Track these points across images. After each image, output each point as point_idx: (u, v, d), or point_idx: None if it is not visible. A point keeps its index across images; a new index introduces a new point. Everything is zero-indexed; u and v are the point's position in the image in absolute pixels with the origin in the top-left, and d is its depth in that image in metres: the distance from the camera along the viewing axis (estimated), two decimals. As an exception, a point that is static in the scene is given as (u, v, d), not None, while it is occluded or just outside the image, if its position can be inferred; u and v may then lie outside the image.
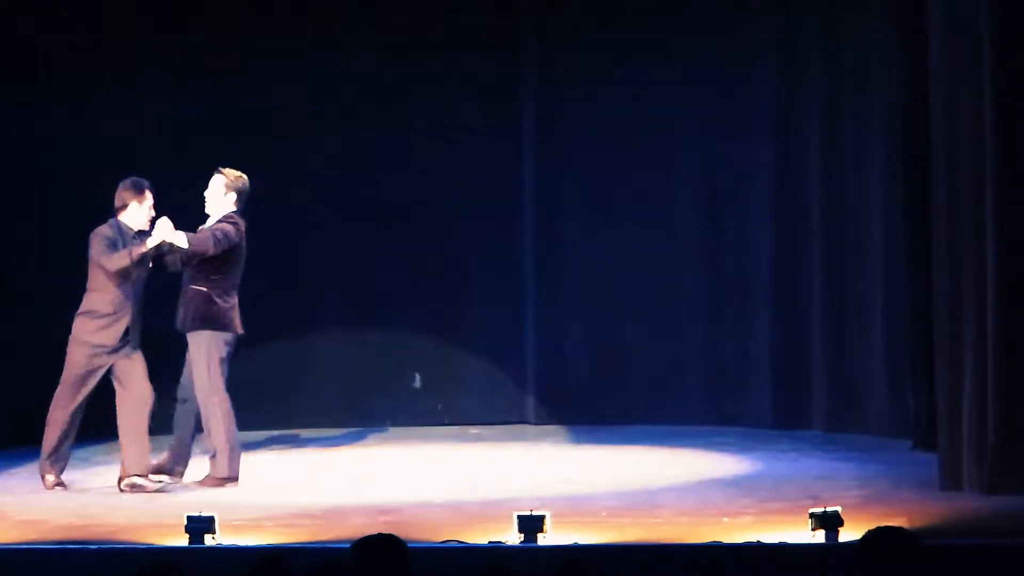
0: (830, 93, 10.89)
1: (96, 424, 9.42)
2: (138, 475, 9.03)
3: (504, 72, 11.78)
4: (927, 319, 9.26)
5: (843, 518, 7.21)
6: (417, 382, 11.83)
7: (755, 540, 7.20)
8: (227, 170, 9.30)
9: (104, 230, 9.11)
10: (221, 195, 9.24)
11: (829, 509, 7.25)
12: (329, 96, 11.65)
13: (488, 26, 11.75)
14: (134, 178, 9.23)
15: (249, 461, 9.49)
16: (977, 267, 8.41)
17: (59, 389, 9.15)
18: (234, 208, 9.25)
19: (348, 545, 5.26)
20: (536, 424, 11.61)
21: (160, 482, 9.12)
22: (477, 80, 11.73)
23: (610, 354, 11.59)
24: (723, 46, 11.32)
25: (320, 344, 11.78)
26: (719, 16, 11.35)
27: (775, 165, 11.16)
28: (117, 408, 9.14)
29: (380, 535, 5.28)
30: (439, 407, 11.81)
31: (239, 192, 9.24)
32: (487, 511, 8.12)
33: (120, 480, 9.08)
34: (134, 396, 9.08)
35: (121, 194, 9.17)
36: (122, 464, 9.13)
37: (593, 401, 11.55)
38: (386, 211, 11.73)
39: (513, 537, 7.26)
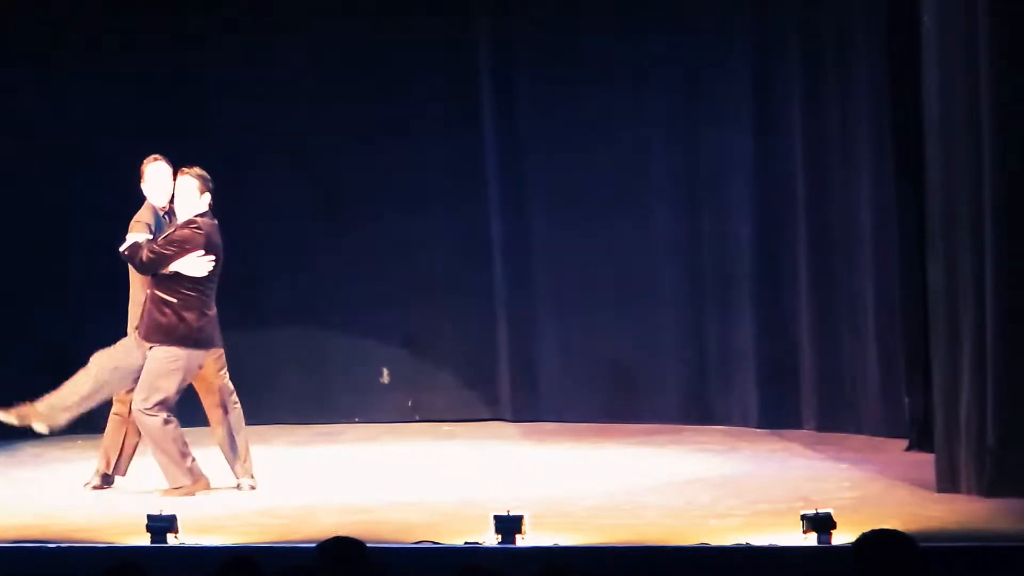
0: (813, 79, 10.59)
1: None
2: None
3: (467, 61, 11.54)
4: (921, 315, 9.14)
5: (836, 520, 7.01)
6: (384, 377, 11.62)
7: (744, 542, 6.99)
8: (195, 169, 8.96)
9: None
10: (196, 197, 8.91)
11: (821, 511, 7.07)
12: (290, 85, 11.46)
13: (450, 9, 11.51)
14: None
15: (215, 458, 9.22)
16: (975, 263, 8.22)
17: None
18: (206, 208, 8.93)
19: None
20: (513, 422, 11.39)
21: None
22: (443, 72, 11.51)
23: (588, 349, 11.37)
24: (699, 31, 11.04)
25: (286, 339, 11.58)
26: (698, 5, 11.08)
27: (756, 155, 10.88)
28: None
29: (340, 537, 5.17)
30: (409, 404, 11.60)
31: (211, 191, 8.94)
32: (462, 511, 8.01)
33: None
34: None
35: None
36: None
37: (572, 398, 11.35)
38: (352, 204, 11.55)
39: (490, 538, 7.10)
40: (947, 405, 8.32)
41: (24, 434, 9.13)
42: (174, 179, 8.91)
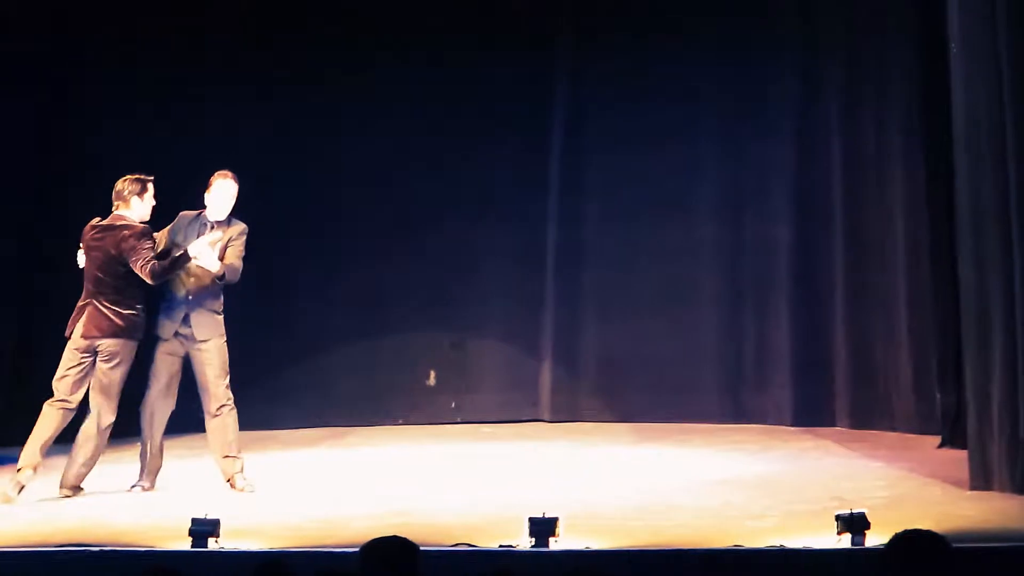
0: (851, 95, 10.79)
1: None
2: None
3: (532, 72, 11.71)
4: (952, 314, 9.10)
5: (870, 520, 6.99)
6: (431, 379, 11.68)
7: (778, 544, 6.98)
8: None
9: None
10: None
11: (856, 511, 7.03)
12: (350, 97, 11.59)
13: (520, 26, 11.66)
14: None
15: (259, 461, 9.28)
16: (1004, 262, 8.22)
17: None
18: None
19: (354, 550, 5.13)
20: (551, 422, 11.43)
21: None
22: (504, 79, 11.69)
23: (628, 352, 11.44)
24: (745, 46, 11.20)
25: (335, 341, 11.63)
26: (742, 17, 11.23)
27: (796, 162, 11.04)
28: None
29: (390, 537, 5.11)
30: (452, 405, 11.67)
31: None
32: (498, 513, 7.98)
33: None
34: None
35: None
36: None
37: (609, 399, 11.40)
38: (404, 210, 11.62)
39: (524, 541, 7.08)
40: (979, 402, 8.30)
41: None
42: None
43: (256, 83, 11.58)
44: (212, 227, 8.97)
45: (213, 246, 8.83)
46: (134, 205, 8.88)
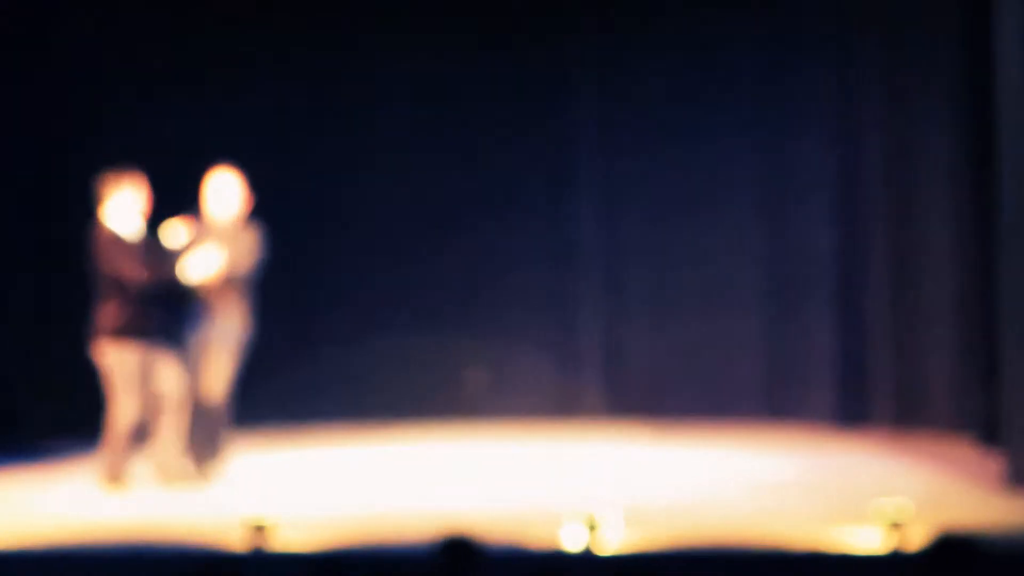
0: (892, 91, 10.76)
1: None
2: None
3: (565, 71, 11.72)
4: (991, 314, 9.14)
5: (909, 522, 7.05)
6: (479, 376, 11.77)
7: (818, 547, 7.05)
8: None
9: None
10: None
11: (894, 512, 7.09)
12: (382, 96, 11.65)
13: (548, 23, 11.67)
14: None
15: (299, 457, 9.37)
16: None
17: None
18: None
19: (408, 549, 5.15)
20: (597, 421, 11.52)
21: None
22: (537, 78, 11.70)
23: (671, 351, 11.51)
24: (783, 46, 11.22)
25: (383, 338, 11.75)
26: (780, 17, 11.24)
27: (838, 165, 11.05)
28: None
29: (457, 537, 5.16)
30: (499, 401, 11.75)
31: None
32: (545, 513, 8.02)
33: None
34: None
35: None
36: None
37: (653, 398, 11.47)
38: (436, 207, 11.72)
39: (572, 542, 7.16)
40: (1017, 402, 8.36)
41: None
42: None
43: (292, 78, 11.62)
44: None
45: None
46: None
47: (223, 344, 9.21)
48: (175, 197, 9.35)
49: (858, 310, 10.97)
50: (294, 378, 11.35)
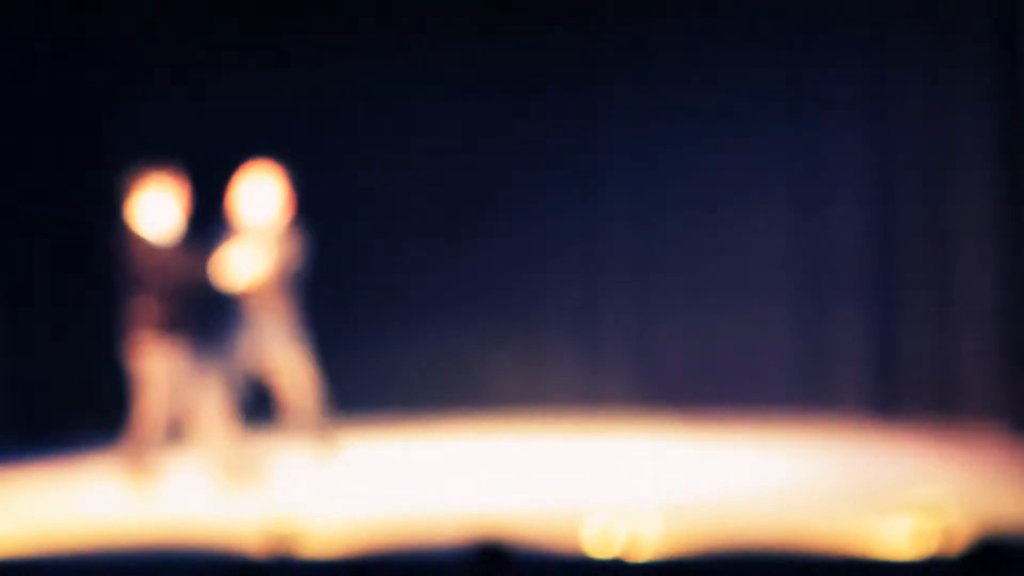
0: (926, 79, 10.70)
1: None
2: None
3: (591, 65, 11.69)
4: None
5: (943, 518, 6.98)
6: (507, 371, 11.77)
7: (851, 550, 7.01)
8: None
9: None
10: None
11: (927, 511, 7.02)
12: (406, 92, 11.64)
13: (578, 20, 11.65)
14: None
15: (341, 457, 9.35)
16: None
17: None
18: None
19: (439, 554, 5.15)
20: (628, 415, 11.51)
21: None
22: (565, 75, 11.67)
23: (703, 345, 11.48)
24: (813, 37, 11.16)
25: (412, 331, 11.74)
26: (808, 8, 11.18)
27: (872, 156, 11.00)
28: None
29: (489, 543, 5.14)
30: (529, 397, 11.75)
31: None
32: (577, 512, 7.95)
33: None
34: None
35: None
36: None
37: (685, 393, 11.45)
38: (468, 203, 11.72)
39: (605, 544, 7.12)
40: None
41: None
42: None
43: (327, 69, 11.64)
44: None
45: None
46: None
47: (283, 339, 9.19)
48: (210, 193, 9.31)
49: (891, 300, 10.93)
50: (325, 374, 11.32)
